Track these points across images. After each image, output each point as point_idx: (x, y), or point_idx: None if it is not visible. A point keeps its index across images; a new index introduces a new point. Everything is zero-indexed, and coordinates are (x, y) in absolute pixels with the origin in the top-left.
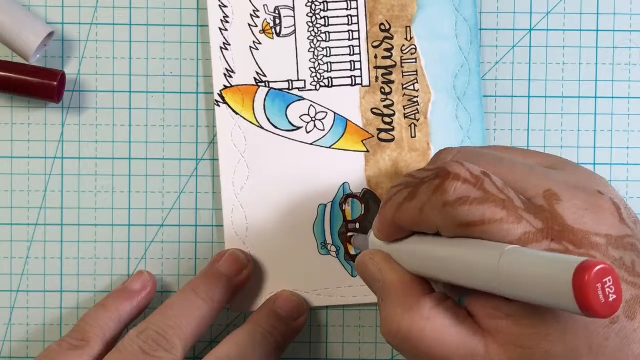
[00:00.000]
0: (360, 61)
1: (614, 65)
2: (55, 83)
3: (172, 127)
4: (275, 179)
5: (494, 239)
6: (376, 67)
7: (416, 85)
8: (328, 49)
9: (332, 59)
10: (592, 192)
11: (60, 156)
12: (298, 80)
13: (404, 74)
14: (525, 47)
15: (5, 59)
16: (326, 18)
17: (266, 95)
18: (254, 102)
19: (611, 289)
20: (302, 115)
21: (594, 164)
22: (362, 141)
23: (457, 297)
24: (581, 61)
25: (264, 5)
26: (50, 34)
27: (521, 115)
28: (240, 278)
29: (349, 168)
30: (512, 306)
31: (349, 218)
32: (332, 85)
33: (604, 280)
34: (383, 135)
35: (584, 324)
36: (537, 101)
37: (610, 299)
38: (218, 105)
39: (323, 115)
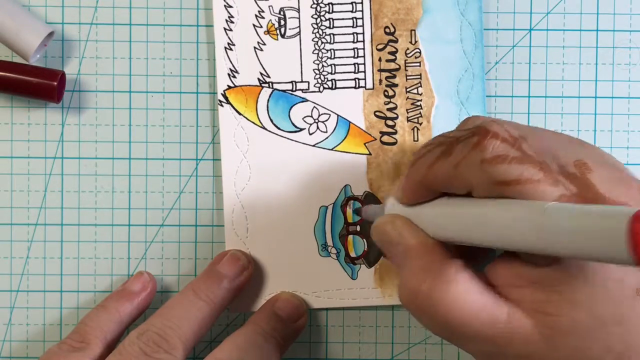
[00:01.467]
0: (364, 64)
1: (614, 65)
2: (55, 83)
3: (172, 127)
4: (276, 180)
5: (530, 199)
6: (380, 70)
7: (420, 89)
8: (332, 51)
9: (336, 61)
10: (619, 168)
11: (60, 156)
12: (302, 81)
13: (408, 77)
14: (525, 47)
15: (5, 59)
16: (331, 20)
17: (270, 96)
18: (257, 102)
19: None
20: (305, 117)
21: None
22: (365, 144)
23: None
24: (581, 61)
25: (269, 6)
26: (50, 34)
27: (521, 115)
28: (240, 279)
29: (351, 170)
30: (538, 272)
31: (350, 220)
32: (336, 87)
33: None
34: (385, 138)
35: (612, 292)
36: (537, 101)
37: None
38: (221, 105)
39: (326, 117)
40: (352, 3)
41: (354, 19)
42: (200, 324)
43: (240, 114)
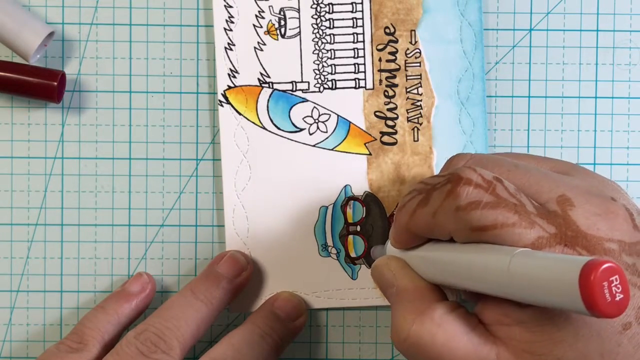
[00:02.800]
0: (364, 64)
1: (614, 65)
2: (55, 83)
3: (172, 127)
4: (277, 180)
5: (506, 243)
6: (380, 70)
7: (420, 89)
8: (332, 51)
9: (336, 61)
10: (605, 198)
11: (60, 156)
12: (302, 81)
13: (408, 77)
14: (525, 47)
15: (5, 59)
16: (331, 20)
17: (270, 96)
18: (257, 102)
19: (618, 288)
20: (305, 117)
21: (594, 164)
22: (365, 144)
23: (471, 306)
24: (581, 61)
25: (269, 7)
26: (50, 34)
27: (521, 115)
28: (239, 280)
29: (351, 170)
30: (523, 312)
31: (350, 220)
32: (336, 88)
33: (611, 279)
34: (386, 139)
35: (596, 330)
36: (537, 101)
37: (617, 298)
38: (221, 105)
39: (326, 117)
40: (352, 3)
41: (354, 19)
42: (198, 325)
43: (240, 114)
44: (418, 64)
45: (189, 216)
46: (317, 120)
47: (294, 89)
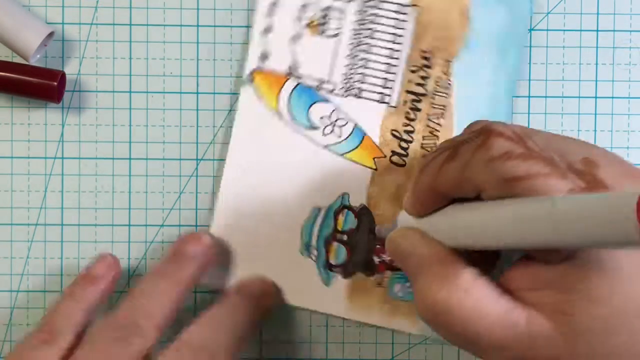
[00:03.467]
0: (393, 81)
1: (614, 65)
2: (55, 83)
3: (172, 127)
4: (279, 171)
5: (540, 194)
6: (407, 92)
7: (442, 120)
8: (366, 60)
9: (367, 71)
10: (628, 164)
11: (60, 156)
12: (329, 82)
13: (433, 105)
14: (525, 48)
15: (5, 59)
16: (372, 30)
17: (294, 88)
18: (280, 91)
19: None
20: (322, 117)
21: None
22: (374, 158)
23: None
24: (581, 61)
25: (315, 2)
26: (50, 34)
27: (521, 115)
28: (206, 258)
29: (354, 180)
30: (553, 272)
31: (340, 228)
32: (360, 97)
33: None
34: (395, 159)
35: (630, 285)
36: (537, 101)
37: None
38: (245, 85)
39: (343, 122)
40: (396, 19)
41: (395, 35)
42: (170, 306)
43: (260, 99)
44: (446, 96)
45: (189, 216)
46: (333, 123)
47: (320, 87)
